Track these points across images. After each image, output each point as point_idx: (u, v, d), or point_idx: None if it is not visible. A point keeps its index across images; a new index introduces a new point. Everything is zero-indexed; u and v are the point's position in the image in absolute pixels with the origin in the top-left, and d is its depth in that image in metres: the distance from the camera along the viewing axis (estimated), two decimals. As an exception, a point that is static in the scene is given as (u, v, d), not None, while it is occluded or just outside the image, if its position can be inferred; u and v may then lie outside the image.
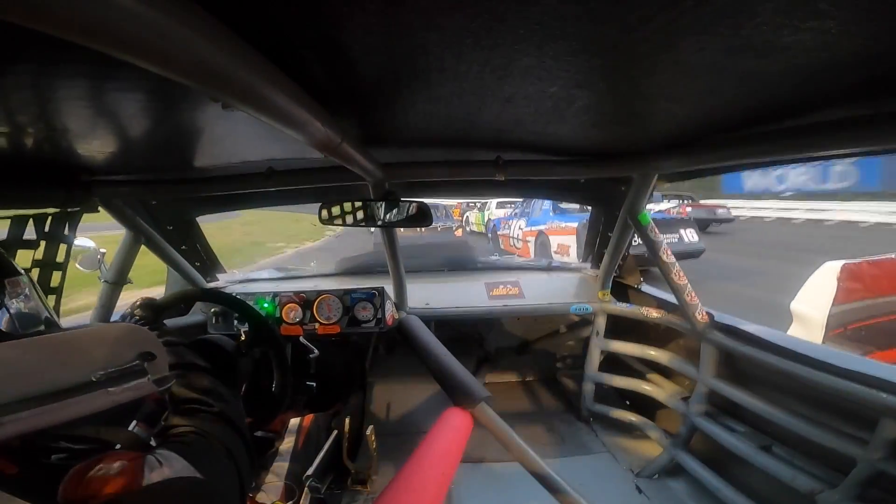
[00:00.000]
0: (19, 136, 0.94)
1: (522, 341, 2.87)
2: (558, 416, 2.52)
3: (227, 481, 0.68)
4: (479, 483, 1.92)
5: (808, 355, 1.39)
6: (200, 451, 0.68)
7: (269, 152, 1.37)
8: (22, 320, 0.68)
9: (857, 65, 0.64)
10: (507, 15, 0.51)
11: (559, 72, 0.70)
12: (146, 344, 0.63)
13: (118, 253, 1.78)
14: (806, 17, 0.50)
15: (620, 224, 2.01)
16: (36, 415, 0.47)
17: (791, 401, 1.50)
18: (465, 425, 1.41)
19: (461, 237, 9.28)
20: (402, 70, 0.72)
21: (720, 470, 1.71)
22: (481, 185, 2.33)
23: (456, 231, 9.55)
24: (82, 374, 0.54)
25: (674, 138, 1.25)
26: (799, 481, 1.38)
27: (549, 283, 2.58)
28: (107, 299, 1.73)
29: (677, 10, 0.49)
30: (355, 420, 1.91)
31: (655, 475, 1.94)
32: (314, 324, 1.90)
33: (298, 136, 0.77)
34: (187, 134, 1.09)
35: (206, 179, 1.64)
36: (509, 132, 1.18)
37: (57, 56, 0.55)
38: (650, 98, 0.88)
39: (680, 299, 1.80)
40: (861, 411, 1.24)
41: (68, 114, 0.83)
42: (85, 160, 1.22)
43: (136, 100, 0.78)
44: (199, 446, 0.70)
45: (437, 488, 1.09)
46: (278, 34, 0.57)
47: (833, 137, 0.90)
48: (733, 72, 0.70)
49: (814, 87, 0.76)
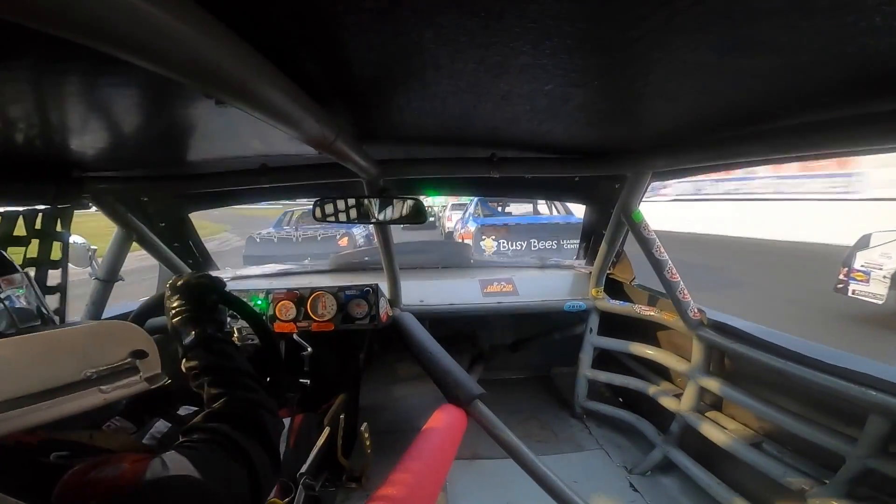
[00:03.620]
0: (9, 132, 0.93)
1: (516, 338, 2.88)
2: (552, 413, 2.54)
3: (235, 488, 0.65)
4: (474, 480, 1.93)
5: (798, 353, 1.40)
6: (210, 456, 0.65)
7: (263, 148, 1.36)
8: (19, 317, 0.67)
9: (850, 64, 0.65)
10: (504, 13, 0.51)
11: (554, 70, 0.71)
12: (138, 342, 0.63)
13: (109, 250, 1.76)
14: (800, 17, 0.51)
15: (614, 222, 2.02)
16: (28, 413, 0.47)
17: (782, 398, 1.52)
18: (460, 422, 1.42)
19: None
20: (397, 67, 0.72)
21: (712, 467, 1.73)
22: (476, 183, 2.33)
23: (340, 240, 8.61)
24: (74, 372, 0.53)
25: (668, 137, 1.26)
26: (789, 478, 1.39)
27: (543, 280, 2.59)
28: (98, 296, 1.71)
29: (672, 9, 0.49)
30: (349, 417, 1.90)
31: (648, 472, 1.96)
32: (308, 321, 1.90)
33: (293, 132, 0.77)
34: (180, 130, 1.09)
35: (198, 176, 1.63)
36: (504, 130, 1.18)
37: (50, 52, 0.54)
38: (645, 97, 0.88)
39: (673, 297, 1.82)
40: (850, 408, 1.25)
41: (60, 109, 0.82)
42: (76, 155, 1.21)
43: (128, 95, 0.77)
44: (212, 451, 0.67)
45: (432, 485, 1.09)
46: (274, 30, 0.56)
47: (826, 136, 0.91)
48: (728, 71, 0.70)
49: (807, 87, 0.77)
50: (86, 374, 0.54)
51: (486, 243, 7.09)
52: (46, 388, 0.50)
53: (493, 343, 2.87)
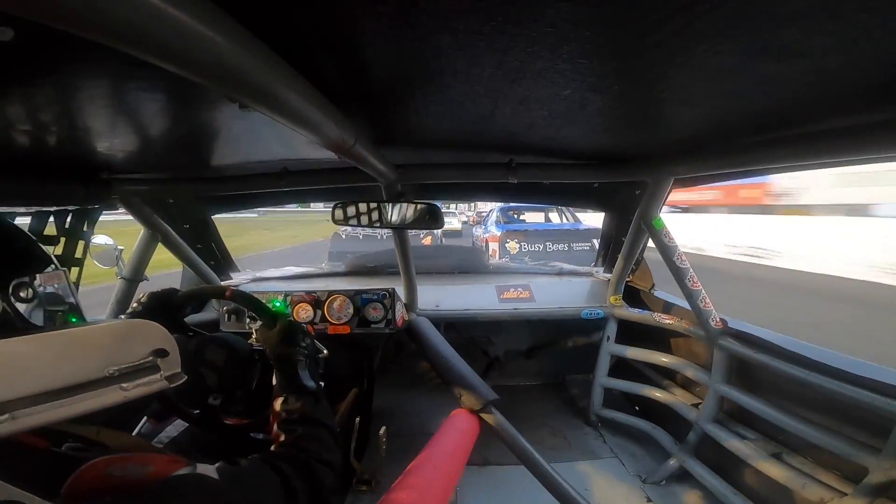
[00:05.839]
0: (42, 135, 0.96)
1: (531, 345, 2.85)
2: (566, 421, 2.50)
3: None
4: (485, 486, 1.91)
5: (821, 363, 1.36)
6: (247, 476, 0.66)
7: (284, 152, 1.39)
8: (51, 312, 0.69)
9: (878, 68, 0.63)
10: (521, 18, 0.51)
11: (572, 75, 0.70)
12: (160, 340, 0.64)
13: (135, 250, 1.81)
14: (826, 20, 0.49)
15: (634, 229, 1.99)
16: (49, 409, 0.48)
17: (803, 408, 1.47)
18: (472, 428, 1.41)
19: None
20: (415, 72, 0.72)
21: (729, 477, 1.68)
22: (493, 188, 2.32)
23: (423, 239, 9.45)
24: (96, 369, 0.54)
25: (689, 142, 1.23)
26: (809, 490, 1.35)
27: (560, 287, 2.57)
28: (123, 295, 1.76)
29: (693, 13, 0.48)
30: (363, 421, 1.91)
31: (663, 481, 1.91)
32: (325, 324, 1.91)
33: (313, 136, 0.78)
34: (204, 133, 1.11)
35: (221, 178, 1.66)
36: (522, 135, 1.18)
37: (80, 56, 0.56)
38: (665, 102, 0.87)
39: (693, 305, 1.78)
40: (874, 419, 1.22)
41: (90, 113, 0.84)
42: (105, 158, 1.25)
43: (155, 99, 0.79)
44: (251, 472, 0.67)
45: (442, 490, 1.08)
46: (295, 35, 0.57)
47: (854, 142, 0.88)
48: (751, 75, 0.69)
49: (833, 92, 0.75)
50: (108, 372, 0.55)
51: (510, 245, 8.37)
52: (68, 384, 0.51)
53: (508, 349, 2.85)
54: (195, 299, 1.50)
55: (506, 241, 8.43)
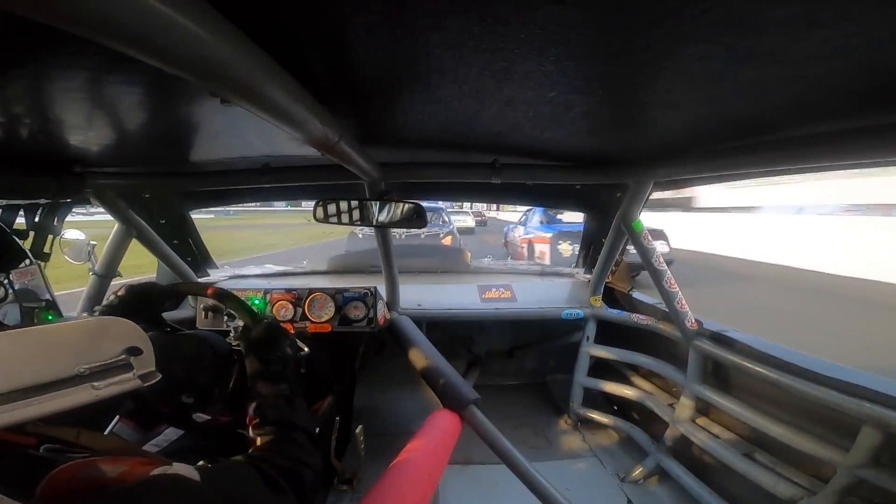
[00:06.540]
0: (13, 126, 0.93)
1: (513, 345, 2.87)
2: (546, 420, 2.53)
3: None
4: (466, 485, 1.92)
5: (793, 363, 1.40)
6: (227, 475, 0.65)
7: (266, 149, 1.36)
8: (29, 308, 0.66)
9: (857, 75, 0.65)
10: (510, 19, 0.51)
11: (559, 77, 0.71)
12: (133, 338, 0.62)
13: (108, 245, 1.76)
14: (807, 27, 0.51)
15: (614, 231, 2.02)
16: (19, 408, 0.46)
17: (775, 408, 1.52)
18: (454, 427, 1.41)
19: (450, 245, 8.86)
20: (402, 70, 0.72)
21: (704, 476, 1.73)
22: (477, 188, 2.33)
23: (444, 239, 8.76)
24: (67, 368, 0.53)
25: (671, 146, 1.26)
26: (780, 488, 1.39)
27: (541, 287, 2.59)
28: (95, 292, 1.71)
29: (680, 18, 0.49)
30: (344, 420, 1.89)
31: (641, 480, 1.95)
32: (305, 322, 1.89)
33: (296, 133, 0.77)
34: (184, 128, 1.09)
35: (200, 174, 1.63)
36: (507, 136, 1.19)
37: (56, 48, 0.54)
38: (649, 105, 0.88)
39: (670, 307, 1.82)
40: (843, 419, 1.26)
41: (64, 105, 0.82)
42: (79, 151, 1.20)
43: (134, 92, 0.77)
44: (232, 471, 0.67)
45: (424, 489, 1.08)
46: (281, 30, 0.56)
47: (832, 148, 0.91)
48: (734, 81, 0.70)
49: (813, 97, 0.77)
50: (79, 370, 0.53)
51: (563, 247, 8.25)
52: (38, 382, 0.49)
53: (490, 349, 2.86)
54: (175, 295, 1.46)
55: (558, 243, 8.33)
